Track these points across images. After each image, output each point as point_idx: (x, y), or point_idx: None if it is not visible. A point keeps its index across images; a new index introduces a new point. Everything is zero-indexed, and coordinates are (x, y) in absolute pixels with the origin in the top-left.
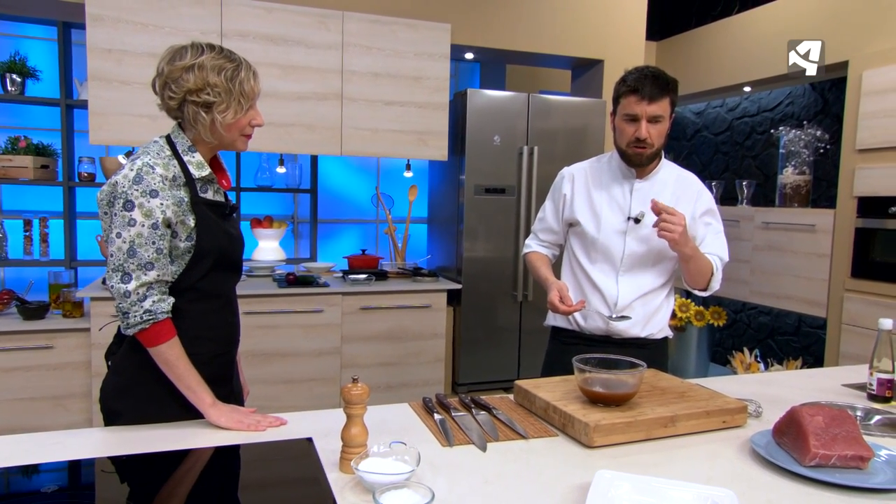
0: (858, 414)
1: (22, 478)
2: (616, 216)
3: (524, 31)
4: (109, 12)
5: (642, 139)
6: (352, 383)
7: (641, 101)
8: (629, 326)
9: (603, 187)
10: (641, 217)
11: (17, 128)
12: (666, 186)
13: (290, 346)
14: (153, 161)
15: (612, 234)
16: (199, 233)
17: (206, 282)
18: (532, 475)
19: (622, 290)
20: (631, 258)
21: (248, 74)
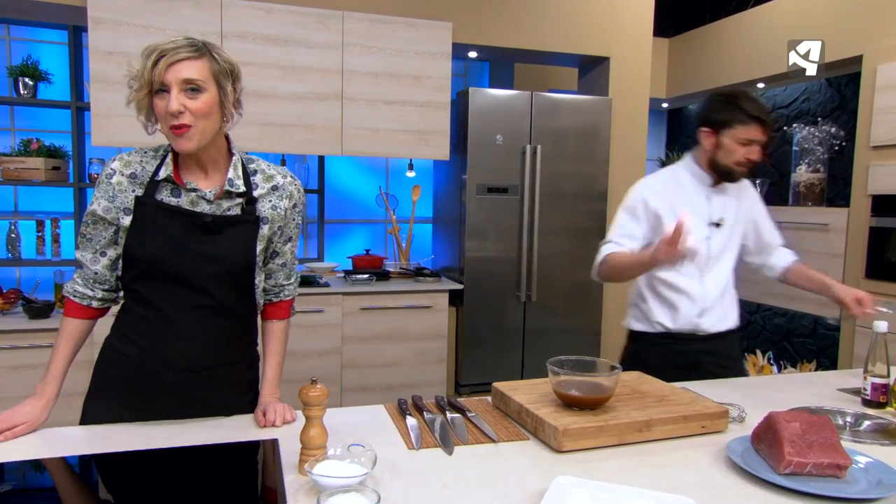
0: (848, 420)
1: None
2: (698, 222)
3: (527, 29)
4: (111, 15)
5: (756, 161)
6: (310, 384)
7: (766, 131)
8: (717, 321)
9: (683, 199)
10: (723, 222)
11: (30, 130)
12: (731, 191)
13: (290, 346)
14: (122, 155)
15: (697, 241)
16: (129, 234)
17: (142, 288)
18: (493, 480)
19: (708, 288)
20: (713, 259)
21: (157, 55)
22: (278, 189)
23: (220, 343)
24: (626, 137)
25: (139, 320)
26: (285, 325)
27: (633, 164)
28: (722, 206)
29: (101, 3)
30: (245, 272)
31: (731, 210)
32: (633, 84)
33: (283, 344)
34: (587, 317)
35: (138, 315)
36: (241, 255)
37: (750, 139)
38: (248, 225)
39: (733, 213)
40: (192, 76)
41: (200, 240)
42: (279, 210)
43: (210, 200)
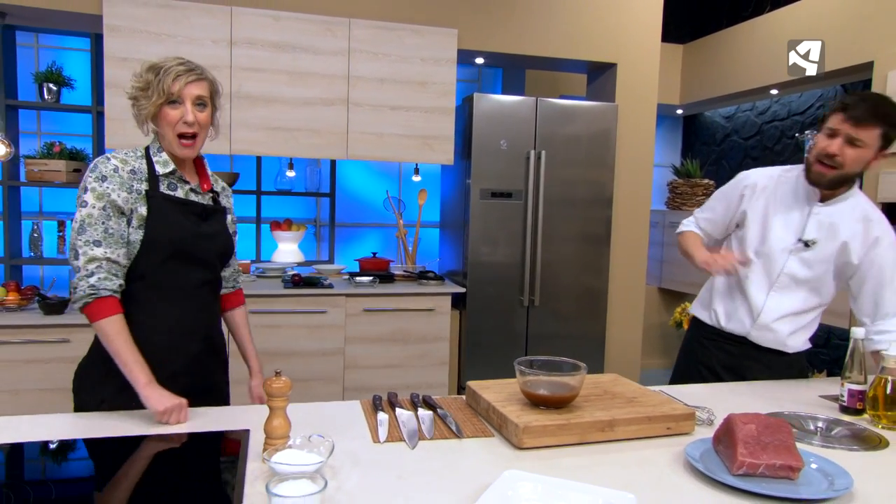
0: (820, 425)
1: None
2: (788, 234)
3: (533, 36)
4: (126, 23)
5: (831, 155)
6: (274, 377)
7: (847, 120)
8: (770, 342)
9: (781, 201)
10: (813, 244)
11: (54, 134)
12: (844, 219)
13: (294, 346)
14: (113, 155)
15: (777, 251)
16: (150, 223)
17: (161, 272)
18: (449, 473)
19: (770, 306)
20: (789, 277)
21: (173, 70)
22: (225, 189)
23: (218, 309)
24: (633, 143)
25: (159, 304)
26: (246, 310)
27: (640, 171)
28: (823, 227)
29: (116, 11)
30: (230, 249)
31: (834, 238)
32: (641, 90)
33: (249, 326)
34: (591, 322)
35: (157, 299)
36: (225, 235)
37: (832, 128)
38: (221, 213)
39: (835, 243)
40: (202, 93)
41: (201, 224)
42: (230, 204)
43: (199, 192)
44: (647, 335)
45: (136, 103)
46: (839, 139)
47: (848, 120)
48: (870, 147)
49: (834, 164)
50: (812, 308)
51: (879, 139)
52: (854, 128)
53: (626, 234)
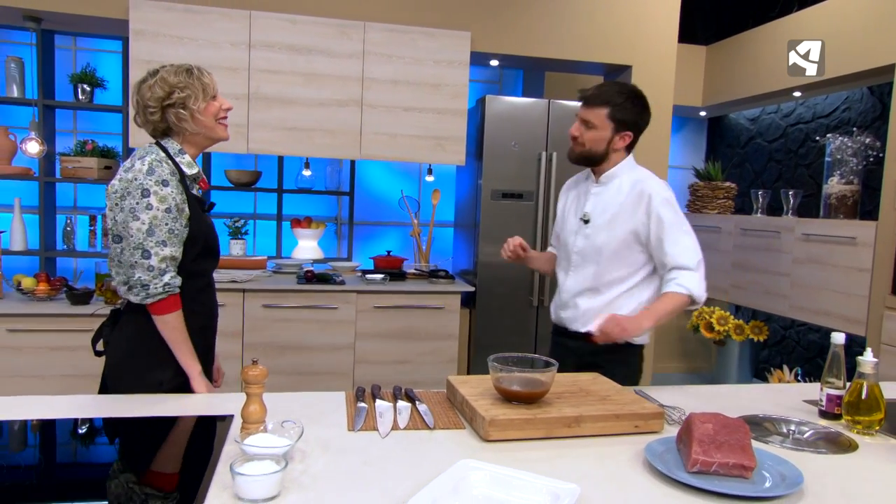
0: (792, 428)
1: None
2: (574, 217)
3: (547, 38)
4: (150, 27)
5: (573, 136)
6: (251, 365)
7: (585, 107)
8: (571, 319)
9: (574, 191)
10: (588, 218)
11: (89, 132)
12: (619, 191)
13: (305, 340)
14: (164, 158)
15: (569, 234)
16: (193, 222)
17: (194, 264)
18: (413, 461)
19: (567, 285)
20: (578, 255)
21: (201, 72)
22: None
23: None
24: (648, 146)
25: (194, 291)
26: None
27: (656, 173)
28: (596, 203)
29: (141, 16)
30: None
31: (607, 210)
32: (656, 92)
33: None
34: None
35: (193, 289)
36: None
37: (576, 114)
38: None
39: (609, 214)
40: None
41: (209, 219)
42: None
43: (199, 189)
44: (665, 338)
45: (187, 105)
46: (577, 122)
47: (585, 107)
48: (601, 127)
49: (577, 144)
50: (608, 283)
51: (607, 119)
52: (584, 110)
53: None
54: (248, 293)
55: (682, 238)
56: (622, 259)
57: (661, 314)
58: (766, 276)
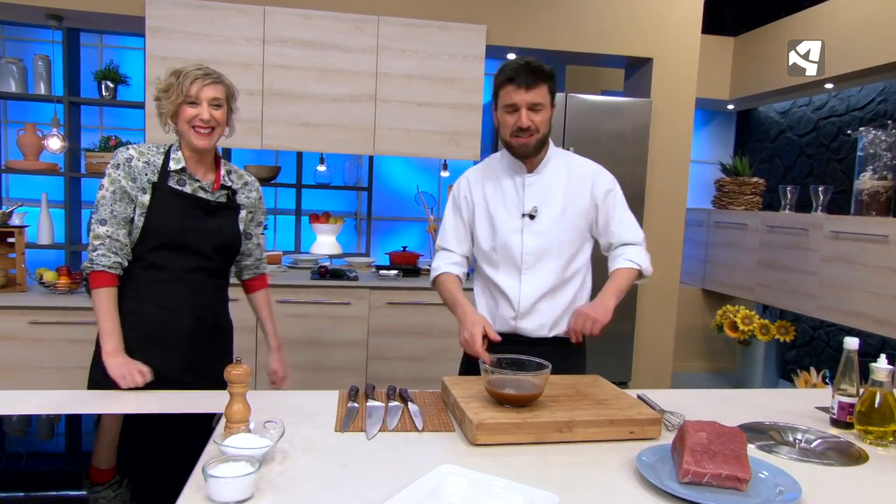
0: (799, 437)
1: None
2: (511, 214)
3: (564, 31)
4: (166, 24)
5: (525, 128)
6: (234, 363)
7: (519, 89)
8: (537, 327)
9: (496, 187)
10: (535, 213)
11: (114, 128)
12: (557, 178)
13: (319, 336)
14: (135, 147)
15: (509, 234)
16: (151, 213)
17: (152, 255)
18: (394, 464)
19: (524, 290)
20: (531, 255)
21: (191, 74)
22: (248, 185)
23: (217, 296)
24: (669, 140)
25: (153, 283)
26: (268, 293)
27: (676, 168)
28: (539, 195)
29: (157, 13)
30: (234, 245)
31: (554, 200)
32: (678, 85)
33: (271, 306)
34: (619, 322)
35: (152, 279)
36: (232, 232)
37: (511, 104)
38: (233, 210)
39: (557, 204)
40: (217, 95)
41: (203, 218)
42: (251, 199)
43: (208, 190)
44: (688, 337)
45: (159, 103)
46: (523, 111)
47: (520, 88)
48: (547, 105)
49: (530, 133)
50: (565, 283)
51: (549, 94)
52: (529, 91)
53: (659, 232)
54: None
55: (625, 215)
56: (577, 249)
57: (620, 291)
58: (794, 275)
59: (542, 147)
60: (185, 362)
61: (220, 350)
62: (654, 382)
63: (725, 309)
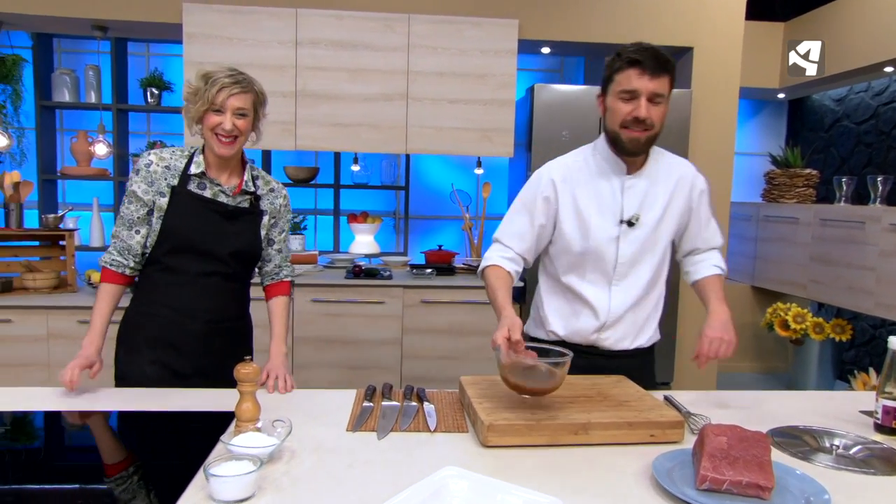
0: (836, 443)
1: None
2: (606, 220)
3: (600, 22)
4: (202, 29)
5: (642, 119)
6: (244, 362)
7: (643, 75)
8: (619, 339)
9: (589, 188)
10: (636, 220)
11: (159, 133)
12: (657, 180)
13: (353, 334)
14: (155, 152)
15: (603, 242)
16: (167, 216)
17: (170, 259)
18: (401, 466)
19: (615, 302)
20: (625, 265)
21: (219, 81)
22: (274, 191)
23: (232, 300)
24: (711, 132)
25: (168, 286)
26: (287, 301)
27: (720, 161)
28: (639, 199)
29: (193, 19)
30: (253, 251)
31: (656, 205)
32: (721, 75)
33: (287, 313)
34: None
35: (167, 282)
36: (251, 238)
37: (629, 90)
38: (255, 215)
39: (658, 209)
40: (243, 106)
41: (222, 223)
42: (276, 206)
43: (229, 194)
44: (738, 336)
45: (186, 106)
46: (642, 99)
47: (644, 74)
48: (666, 100)
49: (645, 127)
50: (651, 293)
51: (670, 88)
52: (652, 80)
53: None
54: (297, 288)
55: (713, 218)
56: (666, 255)
57: (725, 301)
58: (849, 271)
59: (651, 146)
60: (198, 365)
61: (237, 352)
62: (698, 383)
63: (776, 307)
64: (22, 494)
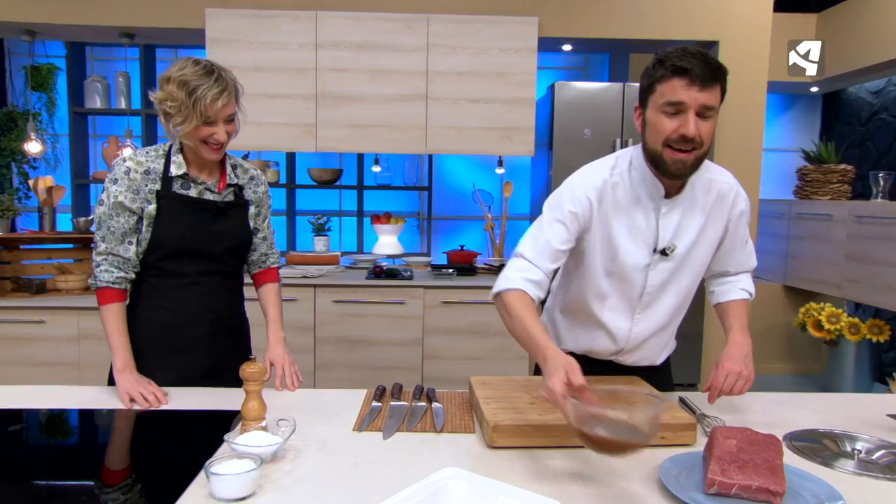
0: (858, 447)
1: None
2: (638, 248)
3: (623, 17)
4: (223, 34)
5: (690, 137)
6: (249, 362)
7: (692, 85)
8: (638, 360)
9: (622, 209)
10: (672, 250)
11: None
12: (696, 200)
13: (375, 335)
14: (130, 156)
15: (633, 271)
16: (158, 222)
17: (166, 263)
18: (404, 466)
19: (636, 329)
20: (651, 294)
21: (208, 94)
22: (254, 179)
23: (232, 297)
24: (738, 128)
25: (167, 290)
26: (278, 287)
27: (747, 157)
28: (675, 224)
29: (216, 24)
30: (246, 243)
31: (691, 228)
32: (747, 69)
33: (280, 299)
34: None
35: (166, 286)
36: (242, 231)
37: (674, 102)
38: (242, 207)
39: (692, 233)
40: (232, 111)
41: (213, 221)
42: (258, 194)
43: (214, 191)
44: (769, 337)
45: (171, 119)
46: (690, 114)
47: (693, 85)
48: (716, 112)
49: (693, 146)
50: (681, 310)
51: (720, 98)
52: (702, 91)
53: None
54: (318, 288)
55: (749, 239)
56: (697, 279)
57: (748, 330)
58: (886, 269)
59: (698, 168)
60: (205, 367)
61: (240, 350)
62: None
63: (809, 307)
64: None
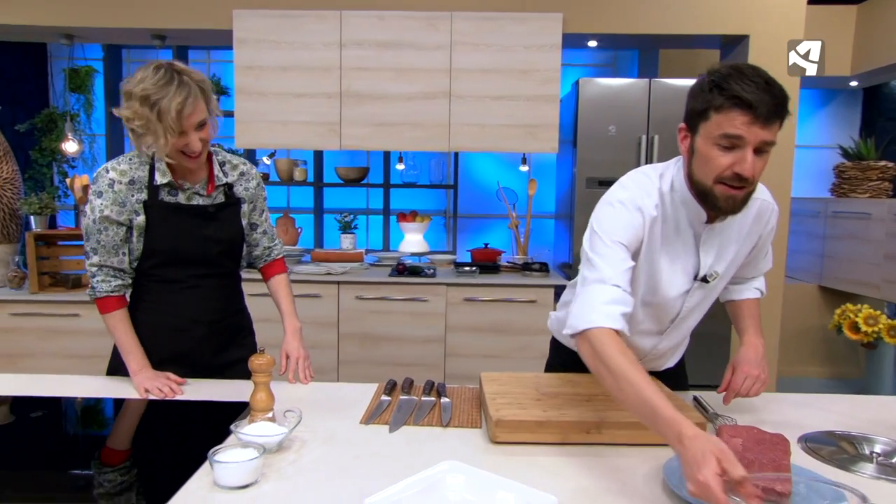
0: (877, 449)
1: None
2: (678, 276)
3: (649, 11)
4: (251, 34)
5: (745, 177)
6: (258, 354)
7: (755, 121)
8: (653, 367)
9: (667, 233)
10: (714, 278)
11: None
12: (734, 225)
13: (397, 332)
14: (113, 165)
15: (671, 298)
16: (148, 233)
17: (160, 270)
18: (407, 458)
19: (661, 346)
20: (684, 318)
21: (171, 105)
22: (245, 174)
23: (231, 296)
24: None
25: (165, 295)
26: (287, 277)
27: (779, 154)
28: (714, 250)
29: (243, 25)
30: (239, 243)
31: (728, 251)
32: (780, 63)
33: (290, 289)
34: (711, 321)
35: (163, 291)
36: (235, 231)
37: (733, 135)
38: (234, 206)
39: (730, 254)
40: (202, 116)
41: (204, 226)
42: (249, 190)
43: (203, 194)
44: (803, 339)
45: (142, 139)
46: (748, 151)
47: (756, 121)
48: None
49: (745, 185)
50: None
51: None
52: (764, 128)
53: None
54: (342, 285)
55: (770, 248)
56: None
57: (761, 329)
58: None
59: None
60: (208, 367)
61: (244, 347)
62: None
63: (845, 308)
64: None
